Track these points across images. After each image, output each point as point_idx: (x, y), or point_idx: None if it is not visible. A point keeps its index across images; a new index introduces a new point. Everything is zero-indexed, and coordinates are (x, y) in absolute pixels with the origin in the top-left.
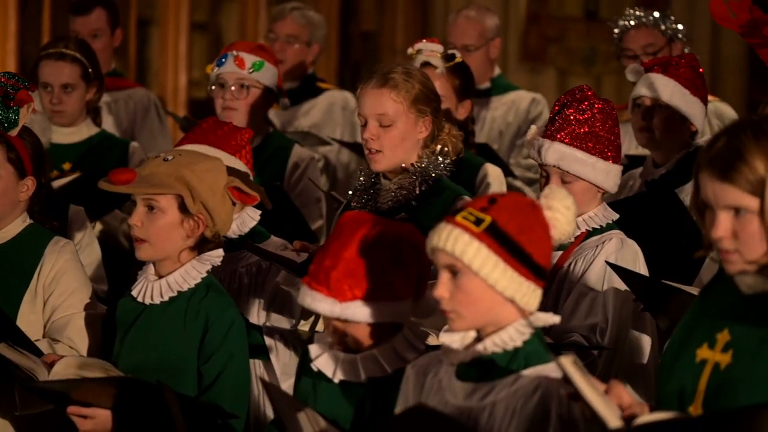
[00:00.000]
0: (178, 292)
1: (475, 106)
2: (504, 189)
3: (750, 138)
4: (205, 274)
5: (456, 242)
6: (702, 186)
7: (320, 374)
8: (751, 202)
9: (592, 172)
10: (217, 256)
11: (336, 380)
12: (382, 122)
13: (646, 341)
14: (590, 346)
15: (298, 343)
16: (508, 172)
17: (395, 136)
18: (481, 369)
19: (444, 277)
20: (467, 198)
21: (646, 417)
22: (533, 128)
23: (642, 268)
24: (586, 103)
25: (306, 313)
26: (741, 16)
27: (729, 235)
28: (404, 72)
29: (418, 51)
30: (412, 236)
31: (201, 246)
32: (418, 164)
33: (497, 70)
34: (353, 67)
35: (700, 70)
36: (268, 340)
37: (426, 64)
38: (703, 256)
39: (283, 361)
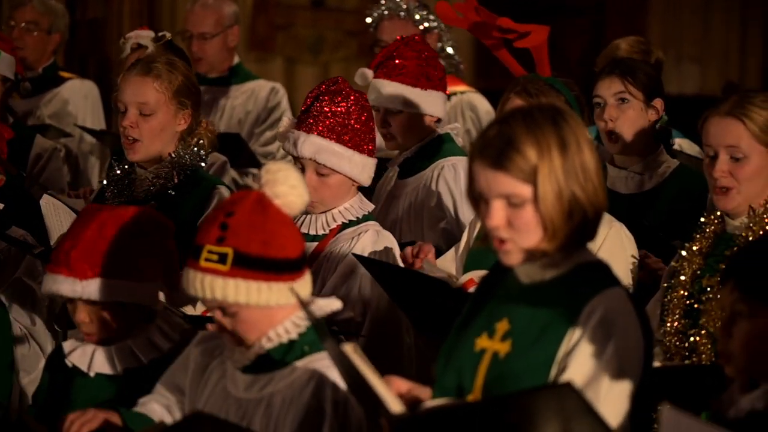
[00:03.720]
0: None
1: (213, 95)
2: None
3: (521, 126)
4: None
5: (213, 289)
6: (475, 176)
7: (76, 369)
8: (524, 190)
9: (348, 165)
10: None
11: (92, 374)
12: (143, 111)
13: (403, 333)
14: (349, 332)
15: None
16: (255, 163)
17: (155, 126)
18: (261, 360)
19: (219, 315)
20: (224, 189)
21: (429, 403)
22: (285, 120)
23: (397, 261)
24: (341, 95)
25: None
26: (468, 16)
27: (503, 224)
28: (168, 62)
29: (128, 38)
30: (156, 217)
31: None
32: (175, 154)
33: (236, 59)
34: (79, 55)
35: (425, 54)
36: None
37: (138, 46)
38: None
39: (22, 353)
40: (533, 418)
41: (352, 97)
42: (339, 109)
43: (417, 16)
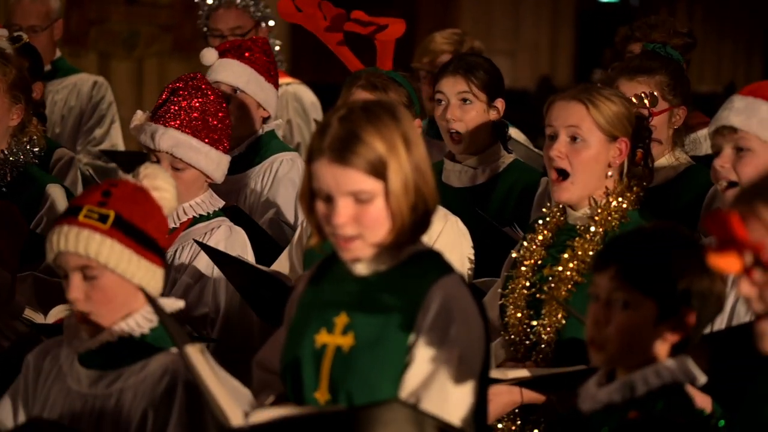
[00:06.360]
0: None
1: None
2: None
3: (363, 119)
4: None
5: (88, 243)
6: (319, 174)
7: None
8: (374, 186)
9: (204, 160)
10: None
11: None
12: None
13: (257, 328)
14: (201, 338)
15: None
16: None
17: None
18: (108, 355)
19: (76, 279)
20: (57, 188)
21: (264, 414)
22: (139, 113)
23: (250, 256)
24: (200, 90)
25: None
26: (308, 11)
27: (351, 221)
28: (0, 55)
29: None
30: (20, 219)
31: None
32: (8, 151)
33: (58, 53)
34: None
35: (270, 53)
36: None
37: None
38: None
39: None
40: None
41: (210, 94)
42: (197, 104)
43: (252, 9)
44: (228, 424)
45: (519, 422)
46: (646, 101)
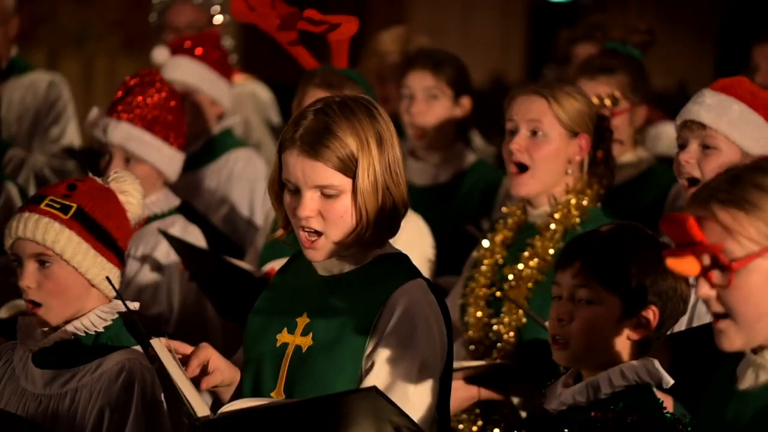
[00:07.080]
0: None
1: None
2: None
3: (338, 114)
4: None
5: (46, 231)
6: (289, 165)
7: None
8: (342, 182)
9: (157, 155)
10: None
11: None
12: None
13: (213, 326)
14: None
15: None
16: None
17: None
18: (62, 355)
19: (30, 267)
20: (11, 185)
21: (234, 405)
22: (95, 109)
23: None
24: (154, 87)
25: None
26: (261, 10)
27: (316, 215)
28: None
29: None
30: None
31: None
32: None
33: (14, 51)
34: None
35: (222, 48)
36: None
37: None
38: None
39: None
40: (342, 420)
41: (165, 90)
42: (151, 100)
43: (209, 4)
44: (195, 416)
45: (480, 422)
46: (607, 102)
